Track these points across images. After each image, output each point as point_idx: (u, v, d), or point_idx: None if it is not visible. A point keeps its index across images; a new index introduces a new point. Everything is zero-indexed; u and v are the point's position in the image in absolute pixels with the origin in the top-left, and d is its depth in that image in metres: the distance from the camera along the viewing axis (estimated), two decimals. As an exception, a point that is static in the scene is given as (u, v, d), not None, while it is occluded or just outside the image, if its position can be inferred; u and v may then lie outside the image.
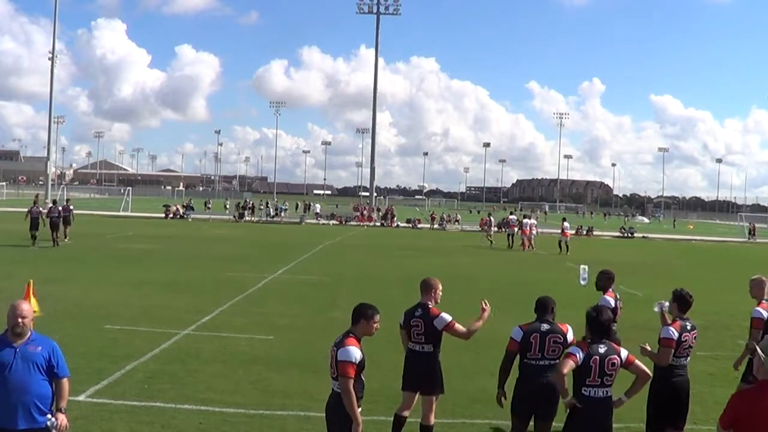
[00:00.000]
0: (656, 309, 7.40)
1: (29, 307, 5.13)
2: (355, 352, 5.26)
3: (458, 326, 6.75)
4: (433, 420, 6.88)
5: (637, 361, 5.72)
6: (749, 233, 58.50)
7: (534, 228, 37.54)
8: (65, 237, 28.05)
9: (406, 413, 6.94)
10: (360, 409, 5.32)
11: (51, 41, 69.95)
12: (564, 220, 37.04)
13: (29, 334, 5.07)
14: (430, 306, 6.82)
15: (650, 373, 5.68)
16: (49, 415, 4.97)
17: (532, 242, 36.51)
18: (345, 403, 5.20)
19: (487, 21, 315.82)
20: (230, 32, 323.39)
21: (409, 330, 6.83)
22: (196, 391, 8.71)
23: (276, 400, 8.53)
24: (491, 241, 38.45)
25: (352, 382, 5.22)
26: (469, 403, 8.68)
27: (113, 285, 17.27)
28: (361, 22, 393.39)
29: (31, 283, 12.68)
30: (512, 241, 37.64)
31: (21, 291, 12.61)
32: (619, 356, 5.60)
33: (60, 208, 27.74)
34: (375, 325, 5.55)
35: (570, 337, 6.28)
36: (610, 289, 8.60)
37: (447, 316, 6.73)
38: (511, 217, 42.72)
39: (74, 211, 30.18)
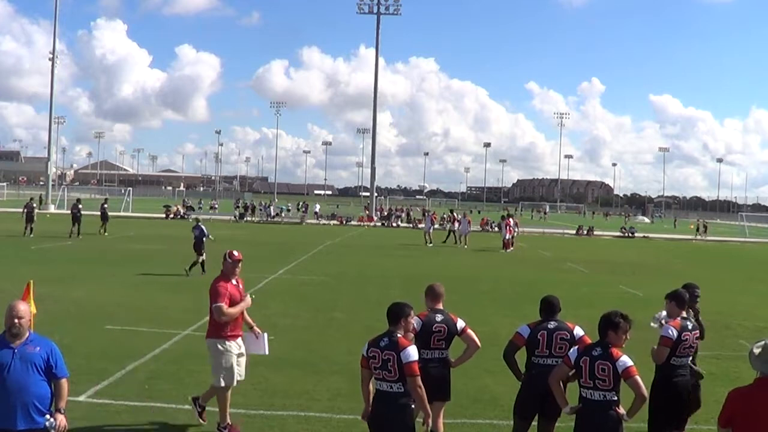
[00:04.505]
0: (654, 324, 7.07)
1: (26, 308, 5.12)
2: (415, 352, 5.46)
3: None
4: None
5: (636, 377, 5.35)
6: (697, 230, 56.51)
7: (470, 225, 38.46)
8: (104, 231, 34.12)
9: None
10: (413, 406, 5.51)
11: (51, 42, 69.83)
12: (510, 216, 38.12)
13: (27, 334, 5.07)
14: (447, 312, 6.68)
15: (646, 395, 5.47)
16: (48, 416, 4.97)
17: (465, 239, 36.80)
18: (417, 398, 5.37)
19: (487, 21, 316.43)
20: (231, 32, 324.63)
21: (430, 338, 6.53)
22: (197, 391, 8.68)
23: (276, 400, 8.53)
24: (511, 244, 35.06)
25: (419, 379, 5.38)
26: (469, 403, 8.66)
27: (114, 285, 17.29)
28: (361, 22, 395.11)
29: (30, 284, 12.64)
30: (455, 238, 37.48)
31: (21, 291, 12.57)
32: (614, 364, 5.34)
33: (81, 206, 33.34)
34: (412, 321, 5.73)
35: (578, 333, 6.24)
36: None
37: (461, 323, 6.60)
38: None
39: (108, 211, 36.04)
